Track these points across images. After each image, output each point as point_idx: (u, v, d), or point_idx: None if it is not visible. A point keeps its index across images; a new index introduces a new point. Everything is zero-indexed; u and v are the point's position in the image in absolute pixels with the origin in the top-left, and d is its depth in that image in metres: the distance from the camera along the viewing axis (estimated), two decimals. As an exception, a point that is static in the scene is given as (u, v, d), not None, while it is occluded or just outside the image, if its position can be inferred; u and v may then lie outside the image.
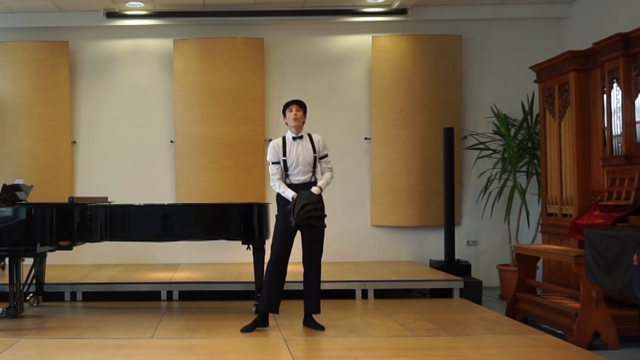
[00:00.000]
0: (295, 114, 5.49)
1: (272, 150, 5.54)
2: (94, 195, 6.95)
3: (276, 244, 5.46)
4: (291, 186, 5.46)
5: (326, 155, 5.59)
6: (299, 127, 5.52)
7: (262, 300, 5.51)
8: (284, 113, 5.60)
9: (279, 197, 5.54)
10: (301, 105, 5.56)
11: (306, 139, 5.54)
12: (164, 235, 6.15)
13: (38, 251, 5.88)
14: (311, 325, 5.49)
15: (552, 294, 6.22)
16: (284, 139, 5.55)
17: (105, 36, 8.42)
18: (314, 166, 5.53)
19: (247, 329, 5.42)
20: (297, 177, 5.48)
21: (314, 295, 5.51)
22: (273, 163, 5.53)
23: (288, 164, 5.47)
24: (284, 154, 5.48)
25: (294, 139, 5.51)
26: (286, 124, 5.60)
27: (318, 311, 5.53)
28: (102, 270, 7.59)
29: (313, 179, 5.53)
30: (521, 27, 8.40)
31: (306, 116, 5.60)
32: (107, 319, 5.98)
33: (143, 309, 6.44)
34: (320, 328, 5.44)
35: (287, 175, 5.50)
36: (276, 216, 5.56)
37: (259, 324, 5.48)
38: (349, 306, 6.56)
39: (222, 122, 8.26)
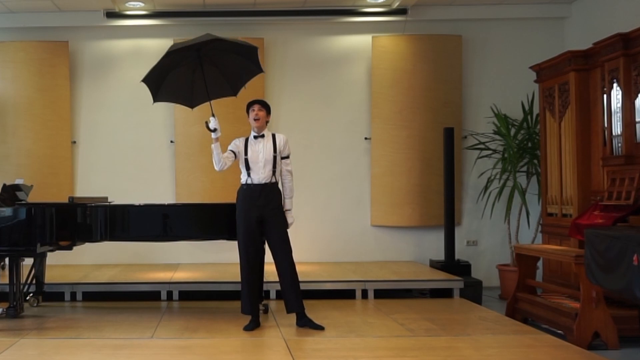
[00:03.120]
0: (256, 114, 5.57)
1: (233, 144, 5.62)
2: (94, 195, 6.95)
3: (244, 245, 5.50)
4: (251, 186, 5.50)
5: (288, 157, 5.63)
6: (261, 127, 5.59)
7: (245, 303, 5.52)
8: (247, 112, 5.66)
9: (238, 196, 5.59)
10: (263, 105, 5.63)
11: (268, 138, 5.59)
12: (164, 235, 6.15)
13: (38, 251, 5.88)
14: (309, 324, 5.48)
15: (552, 294, 6.22)
16: (246, 139, 5.62)
17: (105, 36, 8.43)
18: (274, 166, 5.53)
19: (249, 328, 5.45)
20: (258, 176, 5.50)
21: (294, 293, 5.50)
22: (229, 150, 5.61)
23: (249, 162, 5.51)
24: (245, 152, 5.54)
25: (255, 137, 5.58)
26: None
27: (302, 309, 5.52)
28: (102, 270, 7.59)
29: (274, 180, 5.54)
30: (521, 27, 8.40)
31: (270, 115, 5.67)
32: (107, 319, 5.98)
33: (143, 309, 6.44)
34: (320, 328, 5.43)
35: (248, 175, 5.54)
36: (237, 218, 5.60)
37: (257, 324, 5.52)
38: (349, 306, 6.56)
39: (222, 122, 8.11)
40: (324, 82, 8.44)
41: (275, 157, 5.54)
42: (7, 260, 6.01)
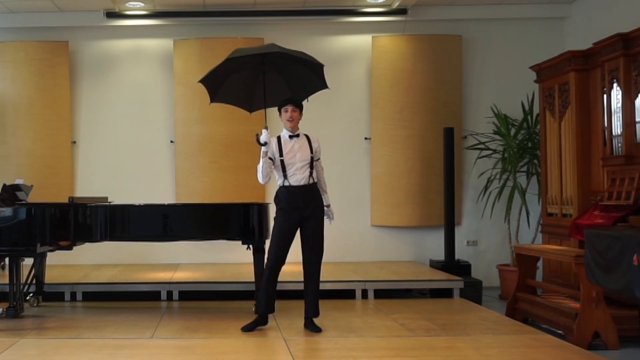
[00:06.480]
0: (290, 115, 5.40)
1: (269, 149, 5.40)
2: (94, 195, 6.95)
3: (275, 246, 5.42)
4: (289, 188, 5.38)
5: (319, 158, 5.55)
6: (294, 127, 5.44)
7: (260, 302, 5.49)
8: (279, 111, 5.53)
9: (277, 197, 5.50)
10: (297, 105, 5.45)
11: (303, 138, 5.45)
12: (164, 235, 6.14)
13: (38, 251, 5.88)
14: (309, 327, 5.46)
15: (552, 294, 6.22)
16: (278, 138, 5.43)
17: (105, 36, 8.43)
18: (311, 166, 5.41)
19: (247, 328, 5.43)
20: (296, 177, 5.35)
21: (313, 298, 5.48)
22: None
23: (286, 164, 5.35)
24: (281, 154, 5.37)
25: (290, 137, 5.42)
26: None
27: (317, 314, 5.50)
28: (102, 270, 7.59)
29: (311, 181, 5.40)
30: (521, 27, 8.40)
31: (302, 114, 5.51)
32: (107, 319, 5.98)
33: (143, 309, 6.44)
34: (318, 330, 5.41)
35: (285, 177, 5.38)
36: (275, 218, 5.53)
37: (260, 323, 5.50)
38: (349, 306, 6.56)
39: (222, 122, 8.25)
40: (324, 82, 8.42)
41: (312, 159, 5.40)
42: (7, 260, 6.00)
